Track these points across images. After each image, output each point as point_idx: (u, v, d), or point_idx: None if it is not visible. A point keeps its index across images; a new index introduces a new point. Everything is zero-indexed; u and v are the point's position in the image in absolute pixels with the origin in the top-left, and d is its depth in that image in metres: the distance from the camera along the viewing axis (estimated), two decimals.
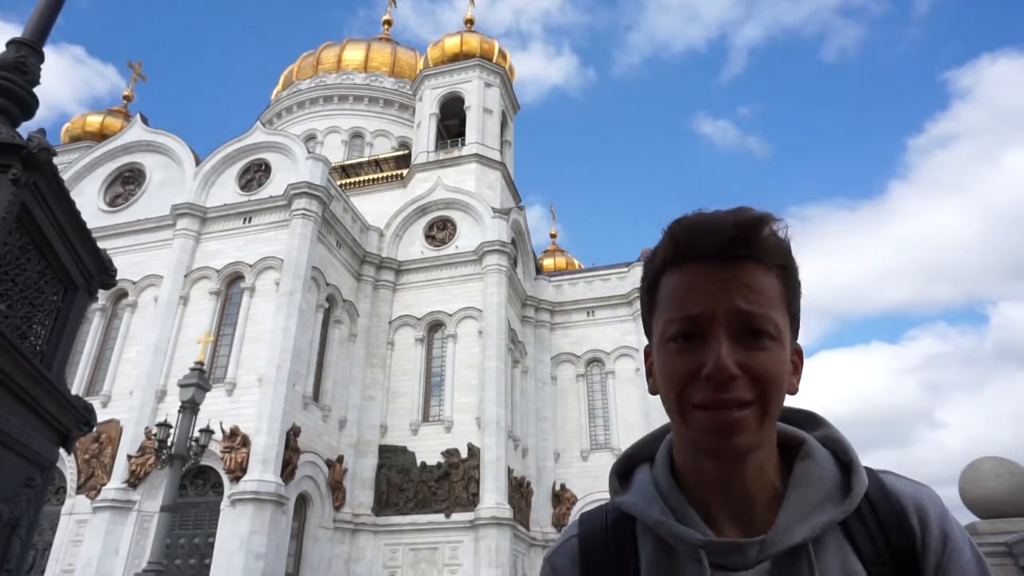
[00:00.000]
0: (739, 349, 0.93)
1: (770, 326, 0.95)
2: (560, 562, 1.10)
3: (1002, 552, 4.96)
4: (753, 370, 0.93)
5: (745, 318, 0.94)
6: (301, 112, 44.79)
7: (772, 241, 0.97)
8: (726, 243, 0.96)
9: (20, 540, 2.62)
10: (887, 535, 0.97)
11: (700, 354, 0.94)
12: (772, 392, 0.93)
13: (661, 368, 1.00)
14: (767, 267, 0.97)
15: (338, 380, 27.41)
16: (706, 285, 0.96)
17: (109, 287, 3.40)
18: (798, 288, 1.01)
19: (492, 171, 35.62)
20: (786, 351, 0.97)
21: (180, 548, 21.50)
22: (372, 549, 25.59)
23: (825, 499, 0.97)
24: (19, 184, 2.55)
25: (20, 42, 3.14)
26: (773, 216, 0.97)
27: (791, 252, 1.00)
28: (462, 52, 38.44)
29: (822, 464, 1.01)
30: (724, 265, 0.96)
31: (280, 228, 26.70)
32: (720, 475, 0.98)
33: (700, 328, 0.95)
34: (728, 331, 0.94)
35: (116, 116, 39.72)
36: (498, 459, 26.41)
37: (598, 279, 36.31)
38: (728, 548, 0.95)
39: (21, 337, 2.72)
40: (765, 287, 0.96)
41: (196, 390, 13.64)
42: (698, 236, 0.97)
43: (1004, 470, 5.34)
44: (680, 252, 0.99)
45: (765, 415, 0.94)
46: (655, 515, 1.01)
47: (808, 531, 0.93)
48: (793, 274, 1.00)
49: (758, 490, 0.99)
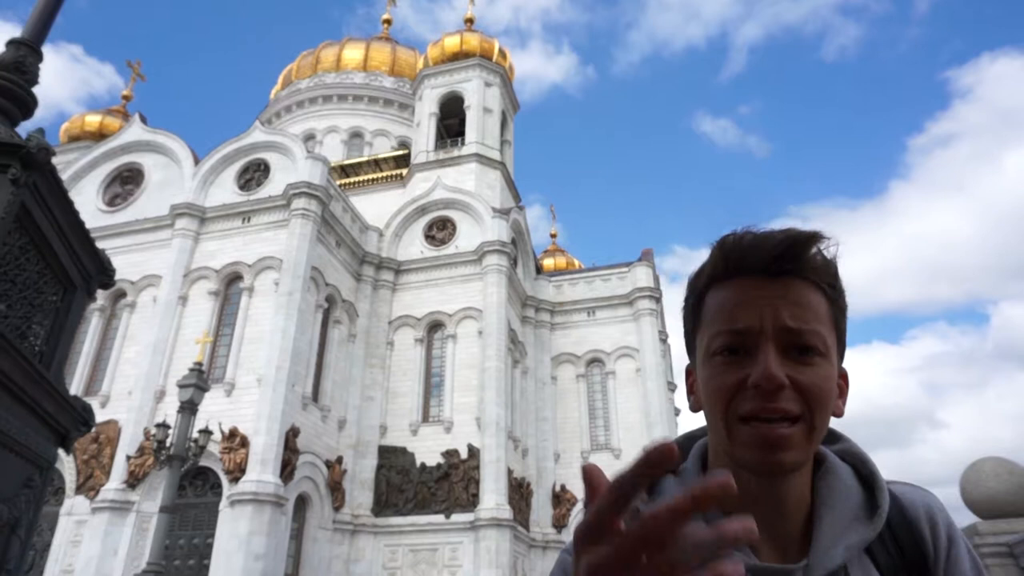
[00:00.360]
0: (787, 363, 0.93)
1: (818, 342, 0.94)
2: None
3: (1003, 552, 4.96)
4: (801, 384, 0.91)
5: (793, 334, 0.93)
6: (300, 112, 44.79)
7: (820, 259, 0.97)
8: (775, 258, 0.95)
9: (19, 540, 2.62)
10: (901, 546, 0.97)
11: (747, 367, 0.93)
12: (819, 408, 0.92)
13: (706, 381, 0.98)
14: (815, 285, 0.97)
15: (337, 380, 27.40)
16: (754, 300, 0.96)
17: (108, 287, 3.39)
18: (845, 308, 1.01)
19: (492, 171, 35.62)
20: (834, 368, 0.96)
21: (179, 549, 21.48)
22: (372, 550, 25.58)
23: (854, 518, 0.96)
24: (18, 184, 2.54)
25: (19, 42, 3.13)
26: (822, 234, 0.97)
27: (838, 272, 0.99)
28: (462, 51, 38.45)
29: (845, 480, 1.00)
30: (772, 280, 0.96)
31: (279, 228, 26.69)
32: (762, 492, 0.96)
33: (747, 343, 0.95)
34: (776, 345, 0.93)
35: (115, 116, 39.70)
36: (498, 460, 26.40)
37: (598, 279, 36.32)
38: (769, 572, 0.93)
39: (20, 337, 2.71)
40: (813, 304, 0.96)
41: (195, 390, 13.64)
42: (747, 251, 0.97)
43: (1004, 470, 5.34)
44: (729, 267, 0.99)
45: (812, 431, 0.92)
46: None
47: (844, 553, 0.93)
48: (840, 293, 1.00)
49: (795, 509, 0.97)
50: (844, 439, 1.08)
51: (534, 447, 31.39)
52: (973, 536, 5.12)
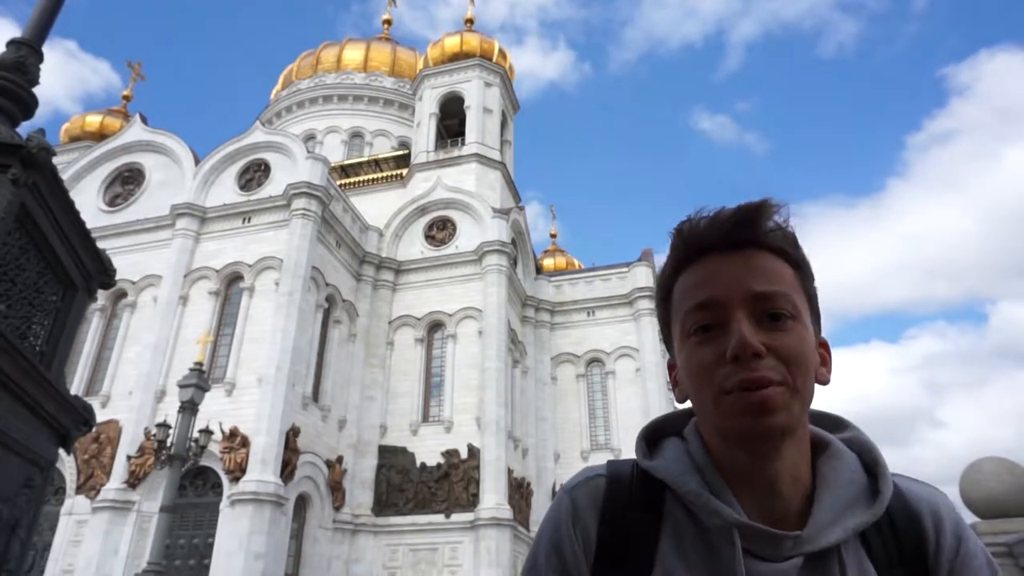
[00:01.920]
0: (761, 331, 0.94)
1: (788, 306, 0.95)
2: (581, 498, 1.04)
3: (1002, 552, 4.96)
4: (778, 349, 0.92)
5: (762, 300, 0.95)
6: (300, 112, 44.79)
7: (775, 226, 0.99)
8: (729, 231, 0.98)
9: (20, 540, 2.62)
10: (899, 539, 0.96)
11: (722, 341, 0.94)
12: (799, 370, 0.93)
13: (685, 363, 0.99)
14: (775, 252, 0.99)
15: (338, 380, 27.40)
16: (719, 274, 0.98)
17: (108, 287, 3.39)
18: (810, 271, 1.02)
19: (492, 171, 35.61)
20: (808, 331, 0.97)
21: (179, 549, 21.48)
22: (372, 550, 25.58)
23: (855, 502, 0.96)
24: (19, 184, 2.54)
25: (20, 42, 3.13)
26: (772, 201, 0.99)
27: (795, 237, 1.01)
28: (462, 52, 38.45)
29: (849, 465, 1.00)
30: (732, 253, 0.98)
31: (279, 228, 26.69)
32: (753, 468, 0.96)
33: (719, 317, 0.96)
34: (748, 315, 0.94)
35: (115, 116, 39.73)
36: (498, 459, 26.40)
37: (598, 279, 36.31)
38: (764, 535, 0.93)
39: (21, 337, 2.72)
40: (776, 270, 0.98)
41: (195, 390, 13.64)
42: (704, 231, 1.00)
43: (1005, 470, 5.34)
44: (690, 249, 1.01)
45: (796, 392, 0.92)
46: (692, 485, 0.97)
47: (841, 533, 0.92)
48: (802, 256, 1.02)
49: (790, 488, 0.97)
50: (852, 427, 1.08)
51: (534, 447, 31.38)
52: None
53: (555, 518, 1.05)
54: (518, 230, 34.44)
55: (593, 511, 1.03)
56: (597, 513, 1.03)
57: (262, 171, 28.74)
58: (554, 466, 31.66)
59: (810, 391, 0.95)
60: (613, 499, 1.03)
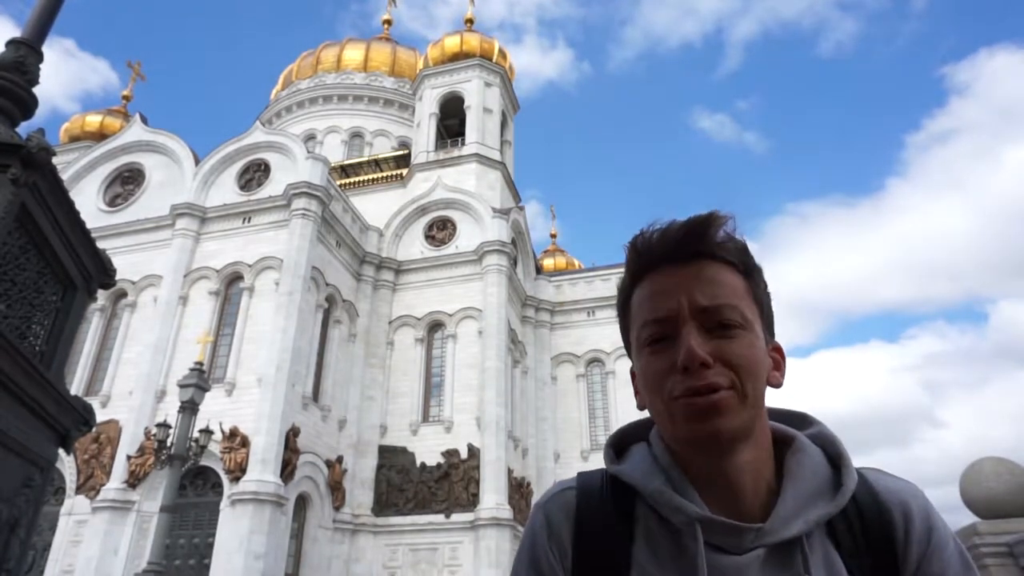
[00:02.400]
0: (710, 340, 0.97)
1: (736, 315, 0.99)
2: (554, 511, 1.07)
3: (1003, 552, 4.95)
4: (726, 357, 0.95)
5: (710, 312, 0.98)
6: (301, 112, 44.79)
7: (724, 237, 1.02)
8: (679, 243, 1.01)
9: (19, 540, 2.62)
10: (867, 529, 0.98)
11: (674, 352, 0.97)
12: (748, 375, 0.96)
13: (641, 373, 1.04)
14: (725, 263, 1.02)
15: (338, 380, 27.40)
16: (670, 287, 1.01)
17: (108, 287, 3.39)
18: (761, 280, 1.06)
19: (492, 171, 35.62)
20: (758, 338, 1.00)
21: (180, 548, 21.48)
22: (372, 549, 25.59)
23: (818, 494, 0.98)
24: (19, 184, 2.54)
25: (19, 42, 3.13)
26: (720, 213, 1.02)
27: (746, 246, 1.04)
28: (462, 52, 38.45)
29: (814, 459, 1.02)
30: (684, 266, 1.02)
31: (279, 228, 26.69)
32: (712, 469, 0.99)
33: (670, 329, 0.99)
34: (697, 325, 0.98)
35: (115, 116, 39.72)
36: (498, 459, 26.41)
37: (598, 279, 36.31)
38: (726, 528, 0.95)
39: (21, 337, 2.72)
40: (726, 281, 1.01)
41: (195, 390, 13.64)
42: (655, 244, 1.03)
43: (1004, 470, 5.34)
44: (642, 262, 1.05)
45: (745, 397, 0.95)
46: (655, 485, 1.01)
47: (803, 525, 0.94)
48: (752, 267, 1.05)
49: (751, 485, 0.99)
50: (816, 423, 1.11)
51: (534, 447, 31.39)
52: (973, 536, 5.11)
53: (530, 535, 1.08)
54: (518, 230, 34.44)
55: (567, 523, 1.06)
56: (571, 524, 1.06)
57: (262, 171, 28.75)
58: (554, 466, 31.66)
59: (760, 395, 0.98)
60: (585, 509, 1.07)
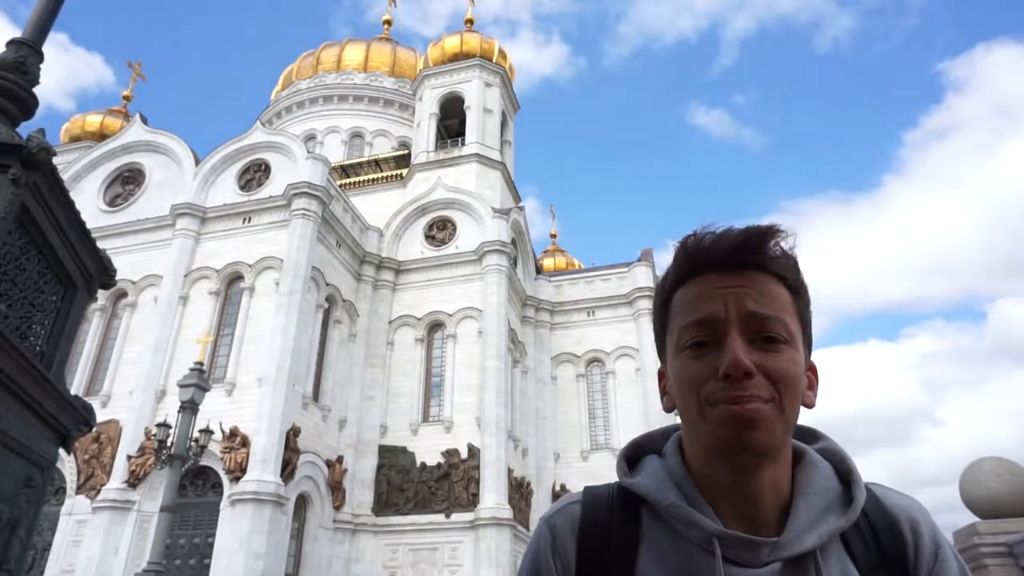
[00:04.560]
0: (754, 351, 0.96)
1: (782, 330, 0.98)
2: (559, 525, 1.07)
3: (1002, 552, 4.95)
4: (769, 370, 0.95)
5: (757, 321, 0.97)
6: (301, 112, 44.80)
7: (779, 251, 1.01)
8: (734, 251, 1.00)
9: (20, 540, 2.62)
10: (881, 544, 0.99)
11: (715, 358, 0.96)
12: (788, 392, 0.95)
13: (677, 374, 1.02)
14: (776, 277, 1.01)
15: (338, 380, 27.41)
16: (717, 292, 1.00)
17: (109, 287, 3.39)
18: (807, 296, 1.05)
19: (492, 171, 35.62)
20: (800, 355, 1.00)
21: (180, 548, 21.49)
22: (372, 549, 25.59)
23: (829, 508, 0.99)
24: (19, 184, 2.54)
25: (20, 42, 3.13)
26: (779, 228, 1.01)
27: (798, 263, 1.03)
28: (462, 52, 38.46)
29: (824, 473, 1.03)
30: (734, 273, 1.00)
31: (280, 228, 26.70)
32: (734, 483, 0.98)
33: (714, 334, 0.98)
34: (742, 333, 0.97)
35: (116, 116, 39.75)
36: (498, 459, 26.41)
37: (598, 279, 36.31)
38: (742, 543, 0.95)
39: (21, 337, 2.72)
40: (775, 294, 1.00)
41: (196, 390, 13.64)
42: (708, 248, 1.02)
43: (1004, 470, 5.34)
44: (693, 265, 1.03)
45: (782, 412, 0.95)
46: (670, 499, 1.00)
47: (817, 539, 0.95)
48: (802, 284, 1.04)
49: (770, 499, 0.99)
50: (825, 438, 1.11)
51: (534, 447, 31.39)
52: (972, 536, 5.11)
53: (534, 548, 1.08)
54: (518, 230, 34.44)
55: (571, 537, 1.06)
56: (576, 538, 1.05)
57: (262, 171, 28.75)
58: (554, 466, 31.67)
59: (795, 413, 0.98)
60: (590, 522, 1.06)
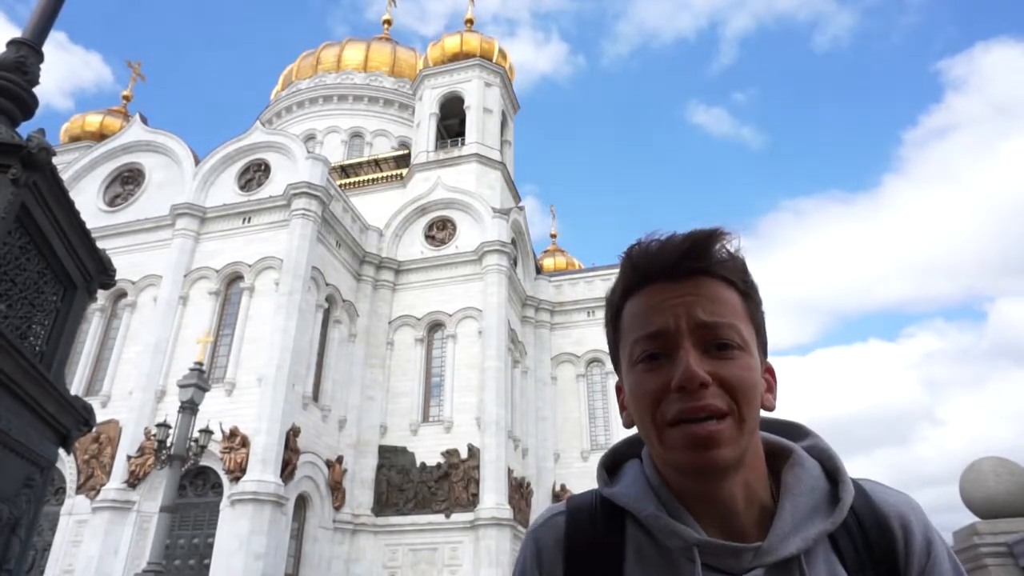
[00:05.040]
0: (707, 360, 0.94)
1: (735, 336, 0.96)
2: (544, 538, 1.07)
3: (1002, 552, 4.95)
4: (724, 378, 0.93)
5: (709, 330, 0.95)
6: (301, 112, 44.79)
7: (726, 255, 0.99)
8: (679, 259, 0.98)
9: (20, 540, 2.62)
10: (870, 543, 0.97)
11: (669, 370, 0.94)
12: (746, 400, 0.93)
13: (631, 391, 1.00)
14: (725, 281, 0.99)
15: (338, 380, 27.41)
16: (667, 302, 0.98)
17: (108, 287, 3.39)
18: (758, 298, 1.03)
19: (492, 171, 35.62)
20: (755, 360, 0.98)
21: (180, 548, 21.49)
22: (372, 549, 25.59)
23: (815, 510, 0.96)
24: (19, 184, 2.54)
25: (20, 42, 3.13)
26: (723, 230, 0.99)
27: (746, 265, 1.02)
28: (462, 52, 38.45)
29: (811, 473, 1.01)
30: (682, 282, 0.98)
31: (280, 228, 26.70)
32: (703, 493, 0.97)
33: (666, 346, 0.96)
34: (694, 344, 0.95)
35: (115, 116, 39.76)
36: (498, 459, 26.41)
37: (598, 279, 36.31)
38: (723, 551, 0.94)
39: (21, 337, 2.72)
40: (725, 299, 0.98)
41: (195, 390, 13.64)
42: (654, 257, 1.00)
43: (1004, 470, 5.34)
44: (639, 275, 1.01)
45: (742, 424, 0.93)
46: (650, 509, 0.99)
47: (801, 543, 0.93)
48: (751, 286, 1.02)
49: (745, 505, 0.97)
50: (812, 435, 1.09)
51: (534, 447, 31.39)
52: (972, 536, 5.11)
53: (521, 562, 1.08)
54: (518, 230, 34.44)
55: (557, 549, 1.05)
56: (561, 550, 1.05)
57: (262, 171, 28.75)
58: (554, 466, 31.68)
59: (755, 419, 0.96)
60: (575, 533, 1.05)
